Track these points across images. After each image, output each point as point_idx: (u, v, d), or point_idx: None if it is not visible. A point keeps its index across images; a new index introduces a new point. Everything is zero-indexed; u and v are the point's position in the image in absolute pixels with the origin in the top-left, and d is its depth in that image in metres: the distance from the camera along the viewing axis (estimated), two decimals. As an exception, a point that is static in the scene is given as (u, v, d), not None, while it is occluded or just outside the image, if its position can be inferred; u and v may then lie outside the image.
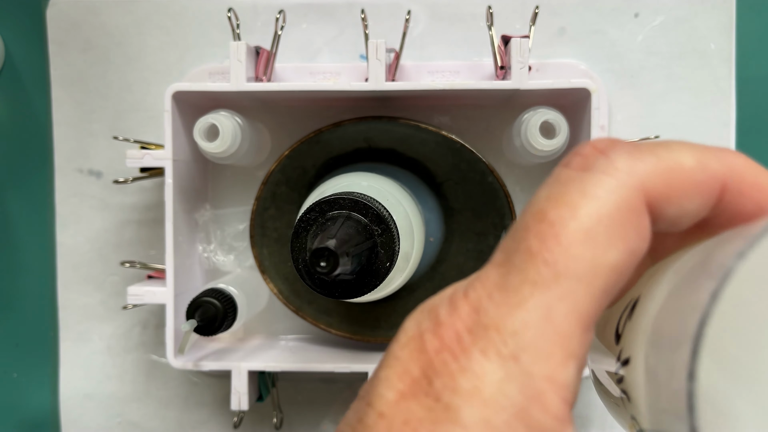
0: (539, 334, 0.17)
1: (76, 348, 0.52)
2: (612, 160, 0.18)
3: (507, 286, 0.17)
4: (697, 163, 0.18)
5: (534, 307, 0.17)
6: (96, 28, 0.50)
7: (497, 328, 0.17)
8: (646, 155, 0.18)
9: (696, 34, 0.48)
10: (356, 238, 0.33)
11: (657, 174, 0.18)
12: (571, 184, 0.18)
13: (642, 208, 0.17)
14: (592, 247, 0.17)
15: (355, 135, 0.46)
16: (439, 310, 0.18)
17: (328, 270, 0.31)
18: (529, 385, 0.16)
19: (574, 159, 0.18)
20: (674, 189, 0.18)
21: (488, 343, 0.17)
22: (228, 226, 0.51)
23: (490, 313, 0.17)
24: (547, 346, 0.17)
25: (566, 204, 0.17)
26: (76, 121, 0.51)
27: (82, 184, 0.51)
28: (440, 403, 0.17)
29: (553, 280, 0.17)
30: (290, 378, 0.51)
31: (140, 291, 0.46)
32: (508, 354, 0.17)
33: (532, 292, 0.17)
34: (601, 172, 0.17)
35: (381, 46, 0.43)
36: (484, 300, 0.17)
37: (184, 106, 0.45)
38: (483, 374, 0.17)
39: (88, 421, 0.52)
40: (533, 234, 0.17)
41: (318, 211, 0.34)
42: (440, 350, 0.17)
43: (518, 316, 0.17)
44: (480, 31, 0.48)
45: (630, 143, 0.18)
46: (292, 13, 0.49)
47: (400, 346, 0.18)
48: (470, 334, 0.17)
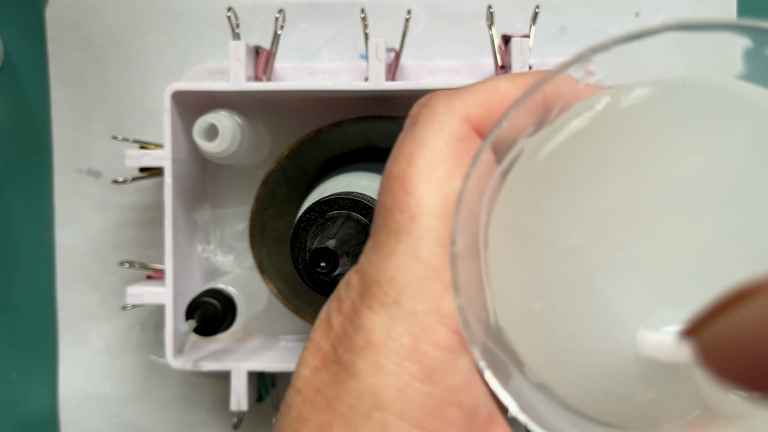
0: (413, 275, 0.18)
1: (75, 348, 0.52)
2: (431, 107, 0.19)
3: (377, 245, 0.19)
4: (512, 85, 0.20)
5: (402, 252, 0.18)
6: (95, 28, 0.50)
7: (377, 282, 0.18)
8: (463, 93, 0.20)
9: (697, 33, 0.48)
10: (356, 238, 0.33)
11: (476, 103, 0.19)
12: (404, 141, 0.19)
13: (471, 135, 0.19)
14: (435, 182, 0.18)
15: (354, 135, 0.46)
16: (341, 288, 0.20)
17: (327, 270, 0.30)
18: (414, 323, 0.17)
19: (406, 122, 0.20)
20: (497, 111, 0.19)
21: (372, 298, 0.18)
22: (227, 226, 0.50)
23: (370, 273, 0.18)
24: (423, 283, 0.18)
25: (403, 156, 0.19)
26: (75, 121, 0.51)
27: (81, 184, 0.51)
28: (342, 365, 0.18)
29: (410, 222, 0.18)
30: (290, 378, 0.51)
31: (139, 291, 0.46)
32: (391, 301, 0.18)
33: (397, 239, 0.18)
34: (425, 120, 0.19)
35: (381, 46, 0.42)
36: (365, 265, 0.19)
37: (183, 105, 0.45)
38: (371, 326, 0.18)
39: (87, 422, 0.52)
40: (384, 192, 0.19)
41: (318, 211, 0.34)
42: (343, 321, 0.19)
43: (390, 265, 0.18)
44: (480, 31, 0.48)
45: (450, 89, 0.20)
46: (292, 13, 0.49)
47: (314, 329, 0.20)
48: (360, 297, 0.18)
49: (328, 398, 0.18)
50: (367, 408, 0.17)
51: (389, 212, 0.18)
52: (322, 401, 0.18)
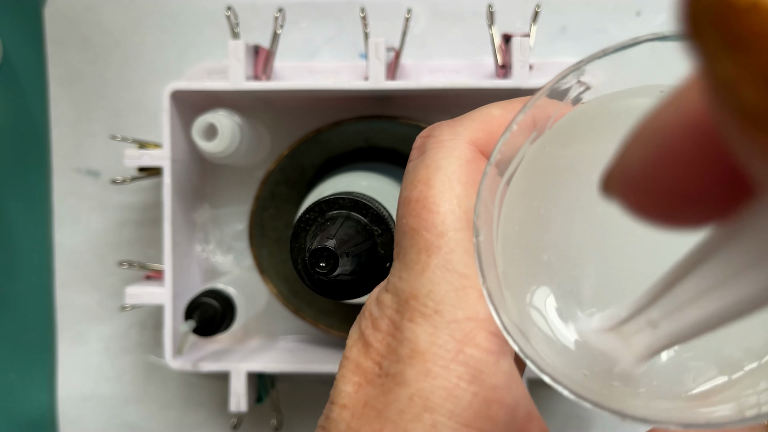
0: (449, 285, 0.19)
1: (74, 349, 0.52)
2: (436, 136, 0.21)
3: (408, 264, 0.20)
4: (504, 110, 0.22)
5: (436, 266, 0.19)
6: (94, 27, 0.50)
7: (414, 297, 0.19)
8: (462, 121, 0.22)
9: (698, 32, 0.48)
10: (356, 238, 0.33)
11: (477, 129, 0.21)
12: (416, 169, 0.21)
13: (478, 156, 0.21)
14: (456, 200, 0.20)
15: (354, 134, 0.46)
16: (371, 308, 0.21)
17: (327, 270, 0.30)
18: (457, 330, 0.19)
19: (412, 152, 0.22)
20: (495, 133, 0.21)
21: (412, 311, 0.19)
22: (227, 226, 0.50)
23: (405, 289, 0.20)
24: (460, 292, 0.19)
25: (420, 181, 0.20)
26: (74, 121, 0.51)
27: (79, 183, 0.51)
28: (389, 376, 0.19)
29: (438, 238, 0.19)
30: (289, 379, 0.51)
31: (138, 291, 0.45)
32: (431, 311, 0.19)
33: (428, 256, 0.19)
34: (433, 148, 0.21)
35: (381, 45, 0.42)
36: (397, 283, 0.20)
37: (182, 105, 0.45)
38: (416, 337, 0.19)
39: (86, 423, 0.52)
40: (408, 216, 0.20)
41: (317, 211, 0.34)
42: (383, 339, 0.20)
43: (425, 279, 0.19)
44: (481, 30, 0.48)
45: (449, 120, 0.22)
46: (292, 12, 0.49)
47: (348, 348, 0.21)
48: (398, 314, 0.20)
49: (378, 408, 0.19)
50: (417, 411, 0.18)
51: (416, 232, 0.20)
52: (372, 412, 0.19)
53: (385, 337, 0.20)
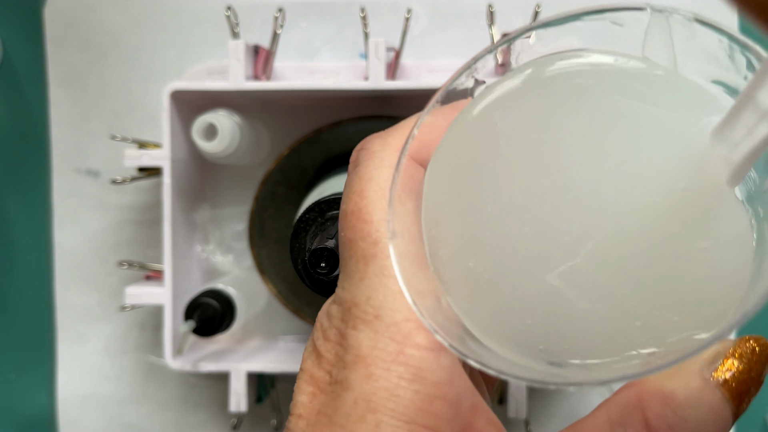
0: (386, 290, 0.19)
1: (74, 349, 0.52)
2: (368, 148, 0.22)
3: (349, 273, 0.20)
4: (434, 117, 0.21)
5: (372, 273, 0.20)
6: (94, 27, 0.50)
7: (356, 305, 0.20)
8: (392, 131, 0.22)
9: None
10: (356, 238, 0.33)
11: (405, 137, 0.21)
12: (351, 182, 0.22)
13: (409, 163, 0.21)
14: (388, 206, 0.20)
15: (354, 134, 0.46)
16: (322, 320, 0.21)
17: (327, 270, 0.30)
18: (396, 332, 0.19)
19: (349, 168, 0.23)
20: (426, 139, 0.21)
21: (354, 319, 0.20)
22: (226, 226, 0.50)
23: (347, 298, 0.20)
24: (397, 295, 0.19)
25: (354, 193, 0.21)
26: (73, 121, 0.51)
27: (79, 184, 0.51)
28: (337, 383, 0.20)
29: (374, 246, 0.20)
30: (289, 379, 0.51)
31: (138, 291, 0.45)
32: (371, 317, 0.19)
33: (366, 264, 0.20)
34: (365, 159, 0.22)
35: (381, 45, 0.42)
36: (341, 293, 0.21)
37: (182, 105, 0.45)
38: (358, 343, 0.19)
39: (85, 423, 0.52)
40: (345, 228, 0.21)
41: (317, 211, 0.34)
42: (332, 348, 0.20)
43: (364, 286, 0.20)
44: (481, 30, 0.48)
45: (381, 132, 0.23)
46: (292, 12, 0.49)
47: (303, 360, 0.21)
48: (343, 323, 0.20)
49: (328, 414, 0.20)
50: (361, 412, 0.19)
51: (353, 243, 0.20)
52: (323, 419, 0.20)
53: (333, 346, 0.20)
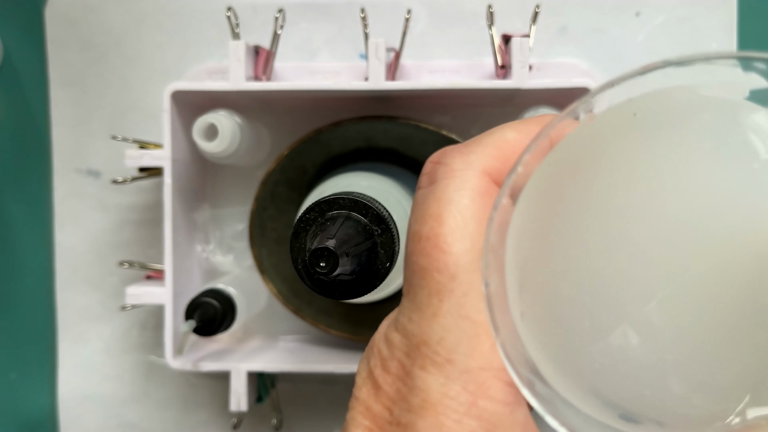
0: (461, 333, 0.18)
1: (75, 349, 0.52)
2: (448, 164, 0.20)
3: (419, 305, 0.19)
4: (519, 134, 0.20)
5: (447, 311, 0.18)
6: (95, 27, 0.50)
7: (425, 343, 0.18)
8: (473, 147, 0.20)
9: (697, 33, 0.48)
10: (356, 238, 0.33)
11: (489, 156, 0.20)
12: (426, 200, 0.20)
13: (492, 188, 0.20)
14: (469, 239, 0.19)
15: (354, 135, 0.46)
16: (380, 345, 0.20)
17: (327, 270, 0.30)
18: (470, 380, 0.18)
19: (422, 179, 0.21)
20: (510, 161, 0.20)
21: (423, 358, 0.18)
22: (227, 226, 0.50)
23: (416, 333, 0.19)
24: (473, 340, 0.18)
25: (431, 216, 0.19)
26: (74, 121, 0.51)
27: (80, 184, 0.51)
28: (400, 426, 0.18)
29: (451, 281, 0.18)
30: (290, 379, 0.51)
31: (139, 291, 0.45)
32: (443, 360, 0.18)
33: (440, 299, 0.18)
34: (445, 178, 0.20)
35: (381, 45, 0.42)
36: (407, 325, 0.19)
37: (182, 105, 0.45)
38: (427, 387, 0.18)
39: (86, 422, 0.52)
40: (418, 253, 0.19)
41: (317, 211, 0.34)
42: (393, 382, 0.19)
43: (437, 325, 0.18)
44: (480, 30, 0.48)
45: (459, 144, 0.21)
46: (292, 12, 0.49)
47: (358, 387, 0.20)
48: (408, 358, 0.19)
49: None
50: None
51: (426, 272, 0.19)
52: None
53: (395, 381, 0.19)
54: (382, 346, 0.20)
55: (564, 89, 0.42)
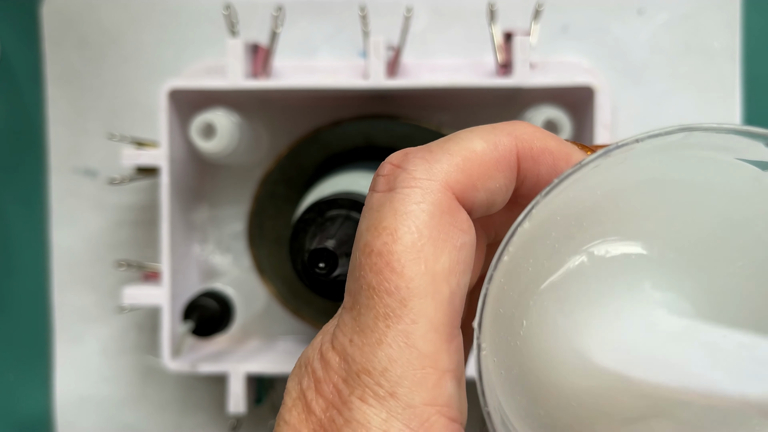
0: (407, 364, 0.17)
1: (72, 350, 0.51)
2: (410, 171, 0.18)
3: (363, 327, 0.17)
4: (487, 144, 0.19)
5: (393, 339, 0.17)
6: (91, 25, 0.50)
7: (367, 371, 0.17)
8: (438, 155, 0.18)
9: (701, 31, 0.47)
10: (355, 238, 0.32)
11: (455, 168, 0.18)
12: (382, 209, 0.18)
13: (454, 205, 0.18)
14: (423, 261, 0.17)
15: (354, 134, 0.46)
16: (314, 364, 0.18)
17: (326, 271, 0.30)
18: (413, 417, 0.17)
19: (379, 181, 0.19)
20: (475, 176, 0.18)
21: (363, 389, 0.17)
22: (225, 226, 0.50)
23: (357, 359, 0.17)
24: (419, 372, 0.17)
25: (385, 229, 0.18)
26: (71, 120, 0.50)
27: (77, 183, 0.50)
28: None
29: (400, 306, 0.17)
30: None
31: (136, 292, 0.45)
32: (385, 393, 0.17)
33: (386, 325, 0.17)
34: (405, 187, 0.18)
35: (381, 44, 0.42)
36: (347, 347, 0.18)
37: (180, 103, 0.44)
38: (366, 421, 0.17)
39: (83, 424, 0.52)
40: (368, 269, 0.18)
41: (317, 211, 0.34)
42: (326, 408, 0.18)
43: (382, 354, 0.17)
44: (482, 28, 0.48)
45: (423, 148, 0.19)
46: (291, 10, 0.48)
47: (287, 409, 0.18)
48: (346, 385, 0.17)
49: None
50: None
51: (375, 292, 0.18)
52: None
53: (329, 407, 0.18)
54: (317, 366, 0.18)
55: (566, 88, 0.42)
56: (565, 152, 0.20)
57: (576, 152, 0.20)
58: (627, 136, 0.17)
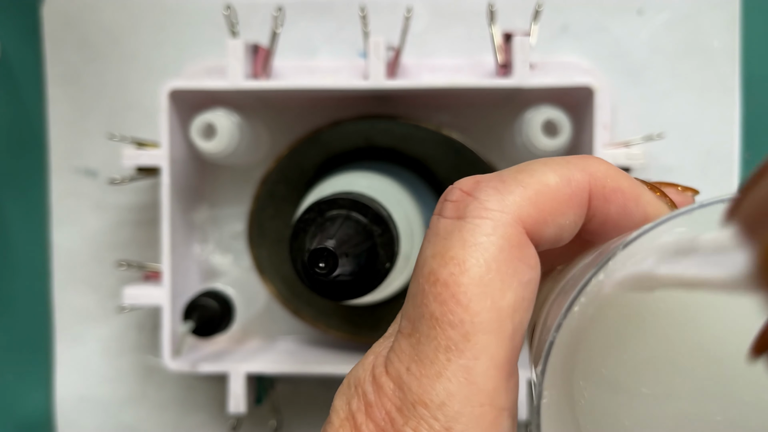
0: (465, 400, 0.17)
1: (72, 350, 0.51)
2: (482, 201, 0.18)
3: (422, 357, 0.17)
4: (561, 179, 0.18)
5: (453, 373, 0.17)
6: (92, 26, 0.50)
7: (424, 404, 0.17)
8: (512, 186, 0.18)
9: (700, 31, 0.47)
10: (355, 238, 0.32)
11: (527, 202, 0.18)
12: (450, 237, 0.18)
13: (524, 239, 0.18)
14: (489, 296, 0.17)
15: (354, 134, 0.46)
16: (365, 387, 0.18)
17: (327, 271, 0.30)
18: None
19: (447, 207, 0.19)
20: (547, 211, 0.18)
21: (419, 420, 0.17)
22: (226, 226, 0.50)
23: (413, 389, 0.17)
24: (477, 409, 0.17)
25: (452, 259, 0.17)
26: (71, 120, 0.50)
27: (77, 183, 0.51)
28: None
29: (463, 340, 0.17)
30: (289, 380, 0.51)
31: (136, 292, 0.45)
32: (441, 428, 0.17)
33: (447, 359, 0.17)
34: (476, 217, 0.18)
35: (381, 44, 0.42)
36: (404, 375, 0.17)
37: (180, 104, 0.44)
38: None
39: (83, 424, 0.52)
40: (432, 298, 0.17)
41: (317, 211, 0.34)
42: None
43: (441, 387, 0.17)
44: (481, 29, 0.48)
45: (495, 177, 0.19)
46: (291, 11, 0.48)
47: (335, 429, 0.18)
48: (400, 414, 0.17)
49: None
50: None
51: (438, 323, 0.17)
52: None
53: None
54: (369, 389, 0.18)
55: (566, 88, 0.42)
56: (637, 193, 0.19)
57: (646, 193, 0.20)
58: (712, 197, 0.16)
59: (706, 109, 0.48)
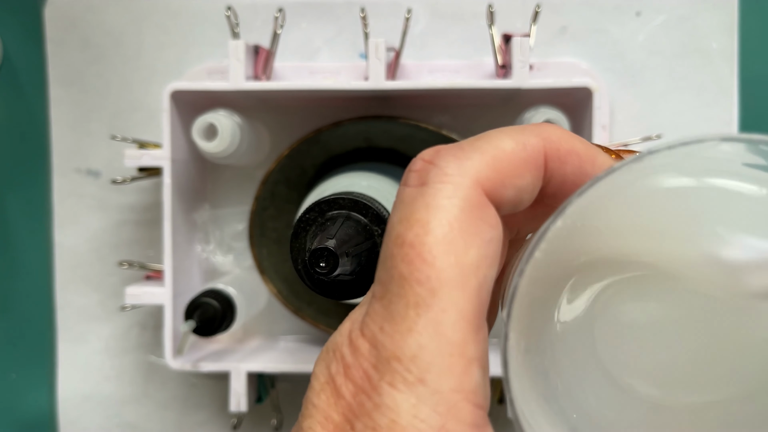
0: (436, 351, 0.17)
1: (74, 349, 0.52)
2: (442, 167, 0.19)
3: (393, 315, 0.18)
4: (516, 144, 0.19)
5: (423, 327, 0.18)
6: (94, 27, 0.50)
7: (397, 358, 0.18)
8: (470, 152, 0.19)
9: (698, 32, 0.48)
10: (356, 238, 0.33)
11: (485, 166, 0.19)
12: (415, 202, 0.19)
13: (483, 201, 0.19)
14: (453, 253, 0.18)
15: (354, 134, 0.46)
16: (343, 350, 0.19)
17: (327, 270, 0.30)
18: (440, 402, 0.17)
19: (411, 176, 0.20)
20: (504, 173, 0.19)
21: (393, 374, 0.18)
22: (227, 226, 0.50)
23: (387, 345, 0.18)
24: (447, 359, 0.17)
25: (417, 222, 0.18)
26: (74, 121, 0.51)
27: (80, 184, 0.51)
28: None
29: (430, 296, 0.18)
30: (289, 379, 0.51)
31: (138, 292, 0.45)
32: (414, 379, 0.17)
33: (417, 314, 0.18)
34: (437, 182, 0.19)
35: (381, 45, 0.42)
36: (378, 334, 0.18)
37: (182, 105, 0.45)
38: (396, 406, 0.17)
39: (86, 423, 0.52)
40: (399, 259, 0.18)
41: (317, 211, 0.34)
42: (355, 393, 0.18)
43: (412, 341, 0.18)
44: (481, 30, 0.48)
45: (454, 146, 0.20)
46: (292, 12, 0.49)
47: (315, 393, 0.19)
48: (376, 370, 0.18)
49: None
50: None
51: (406, 282, 0.18)
52: None
53: (358, 392, 0.18)
54: (346, 351, 0.19)
55: (564, 89, 0.42)
56: (591, 155, 0.20)
57: (601, 155, 0.20)
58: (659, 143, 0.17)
59: (703, 110, 0.48)
